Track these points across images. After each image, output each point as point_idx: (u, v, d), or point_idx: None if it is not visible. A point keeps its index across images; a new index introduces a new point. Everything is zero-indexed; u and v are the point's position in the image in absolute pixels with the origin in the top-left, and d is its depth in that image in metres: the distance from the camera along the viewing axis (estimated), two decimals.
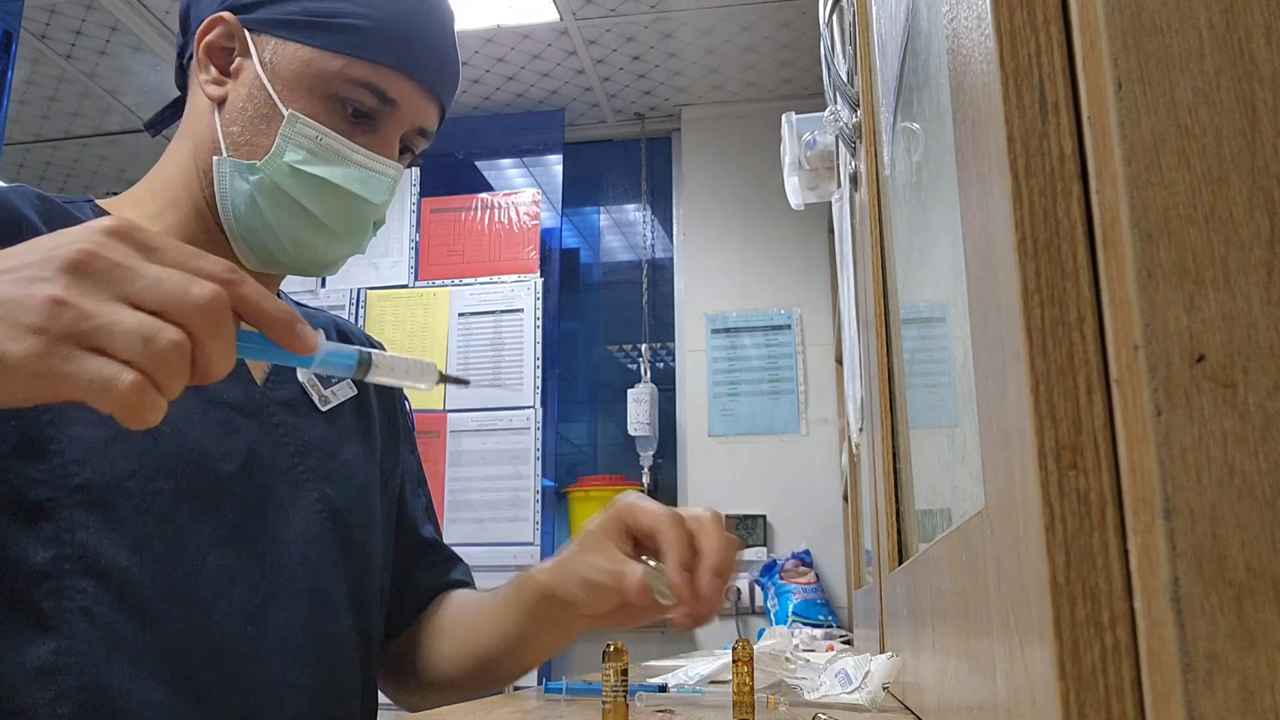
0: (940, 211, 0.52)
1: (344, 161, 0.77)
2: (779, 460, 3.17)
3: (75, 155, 3.73)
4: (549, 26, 3.04)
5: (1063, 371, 0.26)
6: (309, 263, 0.81)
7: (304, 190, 0.76)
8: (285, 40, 0.76)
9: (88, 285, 0.41)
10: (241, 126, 0.76)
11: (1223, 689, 0.22)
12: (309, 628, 0.75)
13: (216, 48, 0.78)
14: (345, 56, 0.75)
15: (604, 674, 0.55)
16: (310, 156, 0.76)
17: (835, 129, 1.33)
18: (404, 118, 0.79)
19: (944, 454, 0.58)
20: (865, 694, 0.65)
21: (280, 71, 0.76)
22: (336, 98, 0.76)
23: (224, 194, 0.77)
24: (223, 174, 0.76)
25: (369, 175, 0.78)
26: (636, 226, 3.74)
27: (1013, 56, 0.28)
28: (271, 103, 0.75)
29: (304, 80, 0.75)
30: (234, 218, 0.77)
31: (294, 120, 0.75)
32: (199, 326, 0.42)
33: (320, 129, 0.76)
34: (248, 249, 0.79)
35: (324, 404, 0.83)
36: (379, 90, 0.76)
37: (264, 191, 0.76)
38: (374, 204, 0.79)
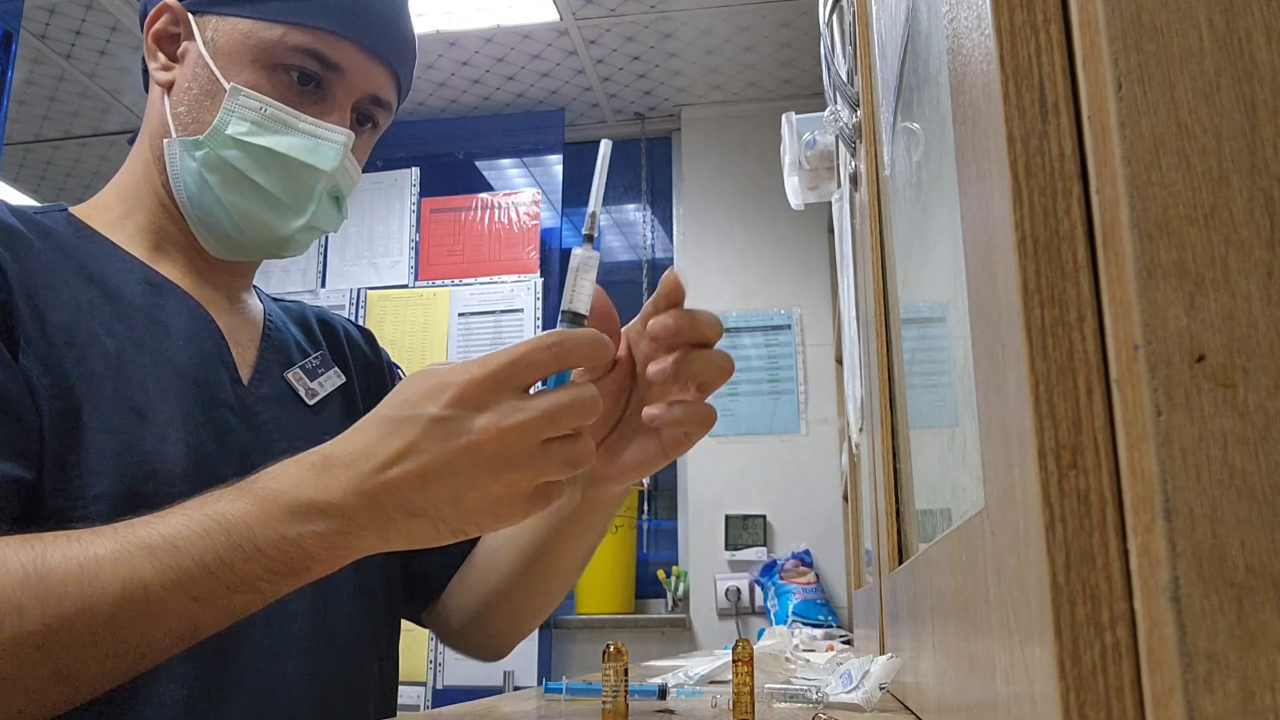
0: (940, 211, 0.52)
1: (290, 130, 0.76)
2: (779, 460, 3.17)
3: (75, 155, 3.73)
4: (549, 26, 3.04)
5: (1063, 371, 0.26)
6: (265, 240, 0.80)
7: (249, 162, 0.76)
8: (225, 16, 0.76)
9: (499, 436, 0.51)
10: (187, 106, 0.77)
11: (1223, 689, 0.22)
12: (317, 624, 0.75)
13: (164, 35, 0.79)
14: (284, 24, 0.75)
15: (604, 674, 0.55)
16: (255, 128, 0.75)
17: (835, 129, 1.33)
18: (353, 84, 0.79)
19: (944, 454, 0.58)
20: (862, 694, 0.65)
21: (221, 47, 0.76)
22: (280, 66, 0.76)
23: (175, 175, 0.77)
24: (173, 155, 0.77)
25: (317, 143, 0.77)
26: (636, 226, 3.74)
27: (1013, 56, 0.28)
28: (214, 78, 0.76)
29: (245, 52, 0.76)
30: (187, 199, 0.77)
31: (235, 93, 0.75)
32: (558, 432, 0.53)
33: (264, 100, 0.75)
34: (206, 232, 0.79)
35: (310, 397, 0.83)
36: (321, 55, 0.76)
37: (210, 167, 0.76)
38: (323, 171, 0.78)
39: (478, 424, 0.51)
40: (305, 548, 0.53)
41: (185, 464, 0.69)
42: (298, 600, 0.73)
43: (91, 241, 0.76)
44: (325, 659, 0.75)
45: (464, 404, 0.51)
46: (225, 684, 0.68)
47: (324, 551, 0.54)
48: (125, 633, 0.52)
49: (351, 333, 0.97)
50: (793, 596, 2.86)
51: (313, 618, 0.74)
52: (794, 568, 2.97)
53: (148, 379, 0.69)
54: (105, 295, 0.72)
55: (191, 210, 0.78)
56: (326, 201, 0.81)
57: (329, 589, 0.76)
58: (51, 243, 0.72)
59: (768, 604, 2.96)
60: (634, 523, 3.24)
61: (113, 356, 0.69)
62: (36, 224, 0.73)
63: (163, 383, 0.70)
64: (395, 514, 0.53)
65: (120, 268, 0.75)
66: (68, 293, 0.69)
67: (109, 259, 0.75)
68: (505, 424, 0.51)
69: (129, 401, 0.67)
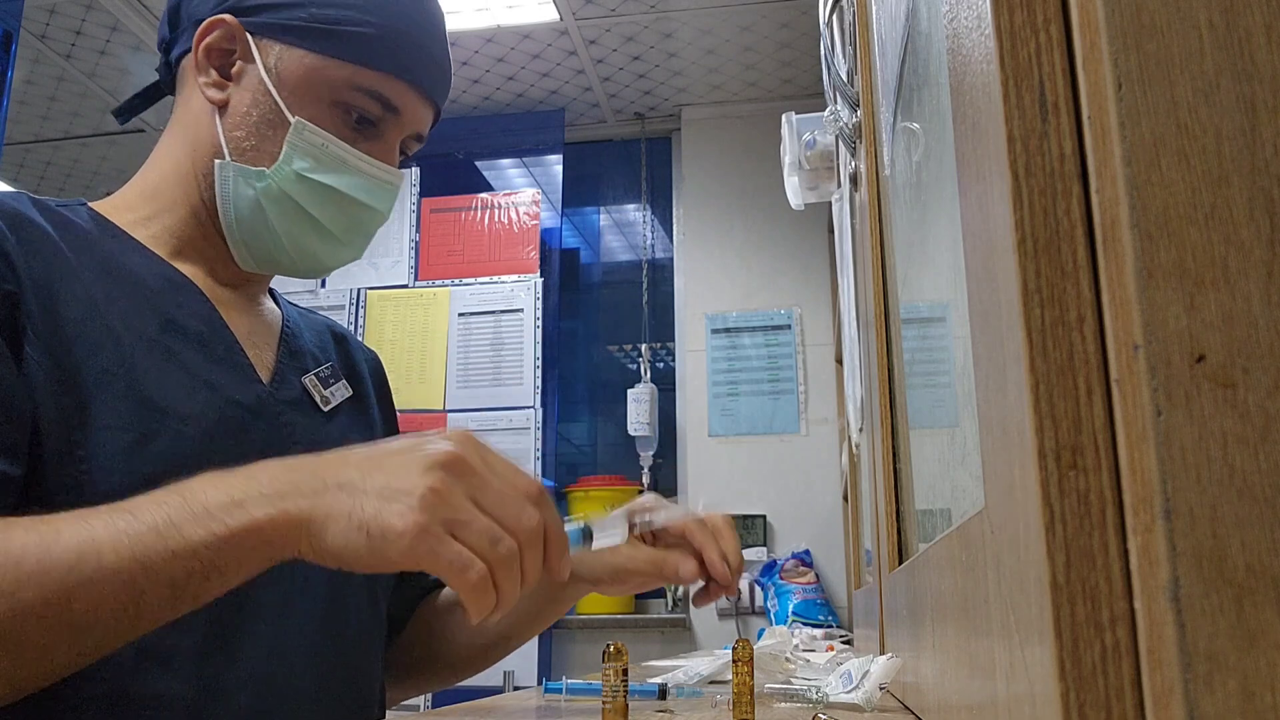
0: (940, 211, 0.52)
1: (349, 169, 0.77)
2: (779, 460, 3.17)
3: (75, 155, 3.73)
4: (549, 26, 3.04)
5: (1063, 371, 0.26)
6: (309, 267, 0.81)
7: (311, 197, 0.77)
8: (290, 46, 0.76)
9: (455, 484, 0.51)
10: (246, 132, 0.76)
11: (1223, 689, 0.22)
12: (327, 625, 0.75)
13: (216, 50, 0.77)
14: (352, 65, 0.76)
15: (604, 674, 0.55)
16: (316, 164, 0.76)
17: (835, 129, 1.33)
18: (405, 125, 0.80)
19: (944, 454, 0.58)
20: (862, 694, 0.65)
21: (286, 78, 0.76)
22: (341, 104, 0.76)
23: (226, 198, 0.77)
24: (225, 178, 0.76)
25: (375, 183, 0.79)
26: (636, 226, 3.74)
27: (1013, 56, 0.28)
28: (277, 109, 0.75)
29: (310, 87, 0.76)
30: (234, 220, 0.77)
31: (301, 128, 0.75)
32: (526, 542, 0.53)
33: (326, 137, 0.76)
34: (247, 251, 0.79)
35: (325, 404, 0.83)
36: (384, 98, 0.77)
37: (270, 198, 0.76)
38: (379, 211, 0.80)
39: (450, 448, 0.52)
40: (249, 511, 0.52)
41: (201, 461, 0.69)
42: (311, 600, 0.74)
43: (113, 236, 0.76)
44: (334, 659, 0.75)
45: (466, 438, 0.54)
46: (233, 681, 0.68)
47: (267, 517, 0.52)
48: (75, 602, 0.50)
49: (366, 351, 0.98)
50: (793, 596, 2.86)
51: (324, 622, 0.74)
52: (794, 568, 2.97)
53: (163, 377, 0.69)
54: (124, 290, 0.72)
55: (238, 231, 0.78)
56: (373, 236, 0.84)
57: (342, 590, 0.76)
58: (72, 235, 0.72)
59: (768, 604, 2.96)
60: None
61: (128, 353, 0.68)
62: (57, 215, 0.73)
63: (178, 382, 0.70)
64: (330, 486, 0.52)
65: (142, 263, 0.75)
66: (83, 287, 0.69)
67: (131, 254, 0.75)
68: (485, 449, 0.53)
69: (142, 399, 0.67)
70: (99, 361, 0.67)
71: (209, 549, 0.51)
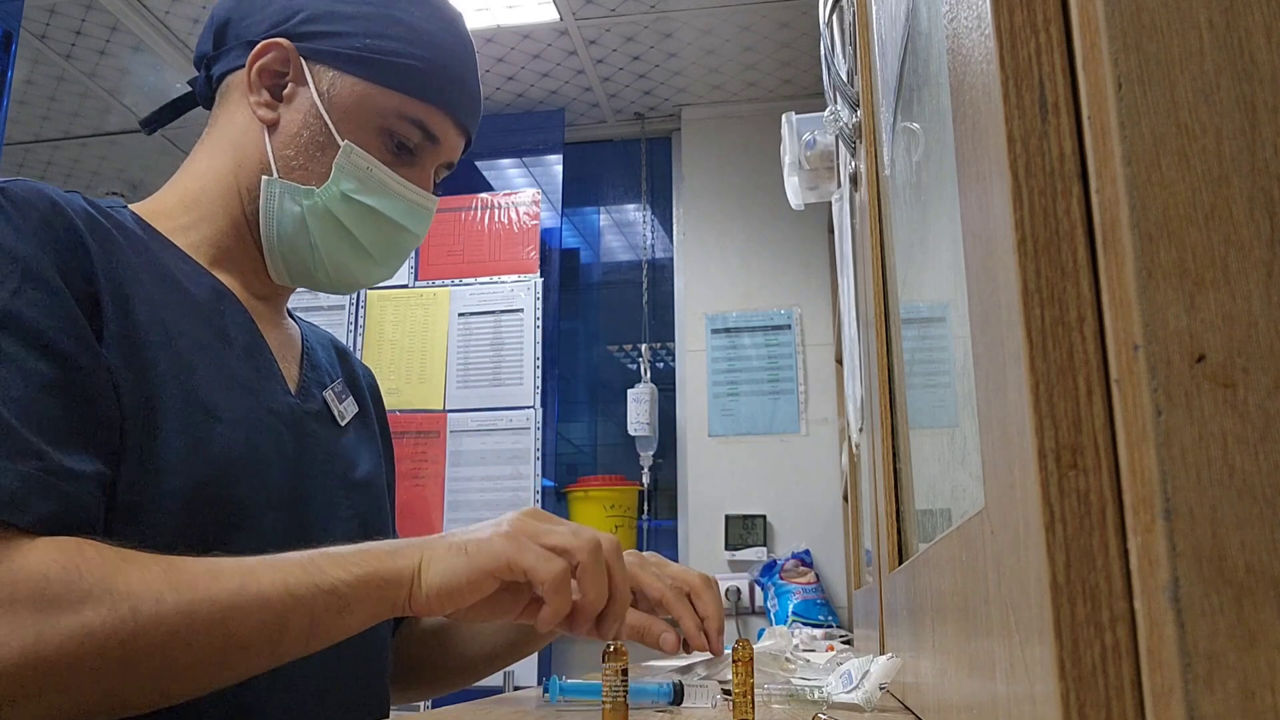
0: (940, 211, 0.52)
1: (389, 193, 0.81)
2: (779, 460, 3.17)
3: (75, 155, 3.73)
4: (549, 26, 3.04)
5: (1063, 371, 0.26)
6: (343, 283, 0.85)
7: (353, 217, 0.80)
8: (343, 73, 0.79)
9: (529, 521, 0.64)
10: (295, 151, 0.79)
11: (1223, 689, 0.22)
12: None
13: (269, 71, 0.80)
14: (401, 94, 0.80)
15: (604, 674, 0.55)
16: (360, 186, 0.80)
17: (835, 129, 1.33)
18: (441, 154, 0.84)
19: (944, 454, 0.58)
20: (862, 694, 0.65)
21: (337, 102, 0.79)
22: (386, 131, 0.80)
23: (270, 213, 0.79)
24: (271, 194, 0.79)
25: (412, 207, 0.83)
26: (636, 226, 3.74)
27: (1013, 56, 0.28)
28: (328, 131, 0.79)
29: (360, 113, 0.79)
30: (277, 236, 0.80)
31: (349, 151, 0.79)
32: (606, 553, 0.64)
33: (371, 160, 0.80)
34: (284, 265, 0.82)
35: (341, 419, 0.86)
36: (426, 128, 0.81)
37: (315, 215, 0.79)
38: (415, 234, 0.84)
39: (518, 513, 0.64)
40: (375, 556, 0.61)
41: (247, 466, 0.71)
42: None
43: (158, 242, 0.77)
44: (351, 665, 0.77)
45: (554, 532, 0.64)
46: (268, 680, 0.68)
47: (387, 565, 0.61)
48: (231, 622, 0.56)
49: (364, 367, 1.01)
50: (793, 596, 2.86)
51: None
52: (794, 568, 2.97)
53: (214, 383, 0.71)
54: (177, 295, 0.73)
55: (279, 246, 0.80)
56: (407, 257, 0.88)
57: None
58: (126, 236, 0.73)
59: (768, 604, 2.96)
60: (634, 523, 3.25)
61: (184, 357, 0.70)
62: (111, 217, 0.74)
63: (226, 388, 0.72)
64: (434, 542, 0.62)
65: (188, 271, 0.77)
66: (144, 289, 0.70)
67: (177, 261, 0.77)
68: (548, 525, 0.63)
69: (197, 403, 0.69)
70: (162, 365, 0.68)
71: (346, 585, 0.59)
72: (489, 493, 2.98)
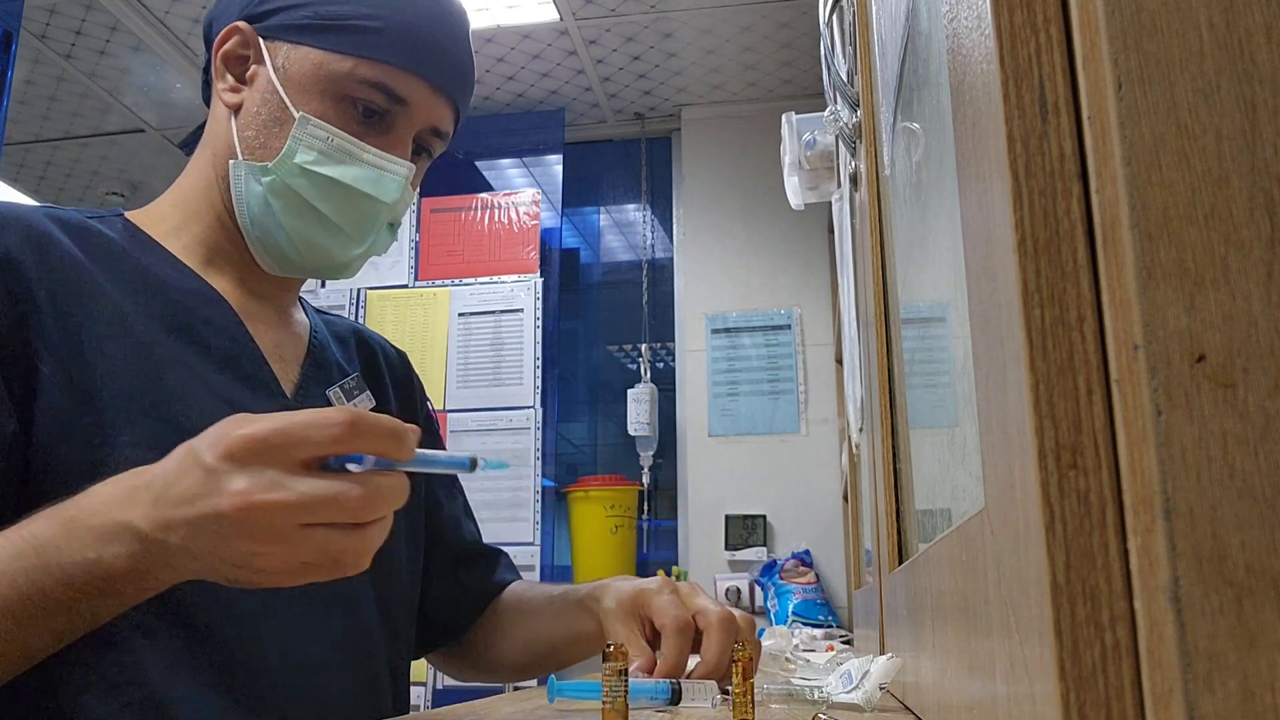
0: (940, 211, 0.52)
1: (355, 161, 0.78)
2: (779, 460, 3.17)
3: (75, 155, 3.73)
4: (549, 26, 3.04)
5: (1063, 371, 0.26)
6: (323, 264, 0.82)
7: (315, 191, 0.77)
8: (297, 45, 0.78)
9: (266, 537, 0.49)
10: (255, 130, 0.78)
11: (1223, 689, 0.22)
12: (344, 636, 0.76)
13: (233, 56, 0.80)
14: (355, 57, 0.77)
15: (604, 674, 0.55)
16: (321, 157, 0.77)
17: (835, 129, 1.33)
18: (415, 117, 0.80)
19: (944, 454, 0.58)
20: (861, 694, 0.65)
21: (292, 75, 0.78)
22: (348, 98, 0.78)
23: (239, 196, 0.78)
24: (238, 177, 0.78)
25: (380, 174, 0.79)
26: (636, 226, 3.74)
27: (1013, 56, 0.28)
28: (283, 105, 0.77)
29: (315, 82, 0.77)
30: (249, 220, 0.79)
31: (304, 122, 0.77)
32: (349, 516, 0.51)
33: (331, 130, 0.77)
34: (264, 251, 0.80)
35: None
36: (389, 90, 0.78)
37: (276, 193, 0.77)
38: (385, 203, 0.80)
39: (231, 487, 0.48)
40: (107, 568, 0.52)
41: None
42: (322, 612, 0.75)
43: (146, 249, 0.77)
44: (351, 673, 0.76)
45: (230, 460, 0.48)
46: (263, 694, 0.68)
47: (126, 574, 0.52)
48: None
49: (389, 353, 0.99)
50: (793, 596, 2.86)
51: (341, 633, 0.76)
52: (794, 568, 2.97)
53: (188, 395, 0.70)
54: (154, 305, 0.73)
55: (253, 231, 0.79)
56: (384, 229, 0.83)
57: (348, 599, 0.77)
58: (100, 248, 0.73)
59: (768, 604, 2.96)
60: (634, 523, 3.24)
61: (155, 370, 0.69)
62: (84, 229, 0.74)
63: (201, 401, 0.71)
64: (178, 550, 0.51)
65: (174, 277, 0.77)
66: (111, 303, 0.70)
67: (162, 267, 0.77)
68: (254, 497, 0.48)
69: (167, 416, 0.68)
70: (125, 379, 0.68)
71: (83, 605, 0.53)
72: (489, 493, 2.98)
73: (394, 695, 0.84)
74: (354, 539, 0.50)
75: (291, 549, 0.49)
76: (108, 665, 0.63)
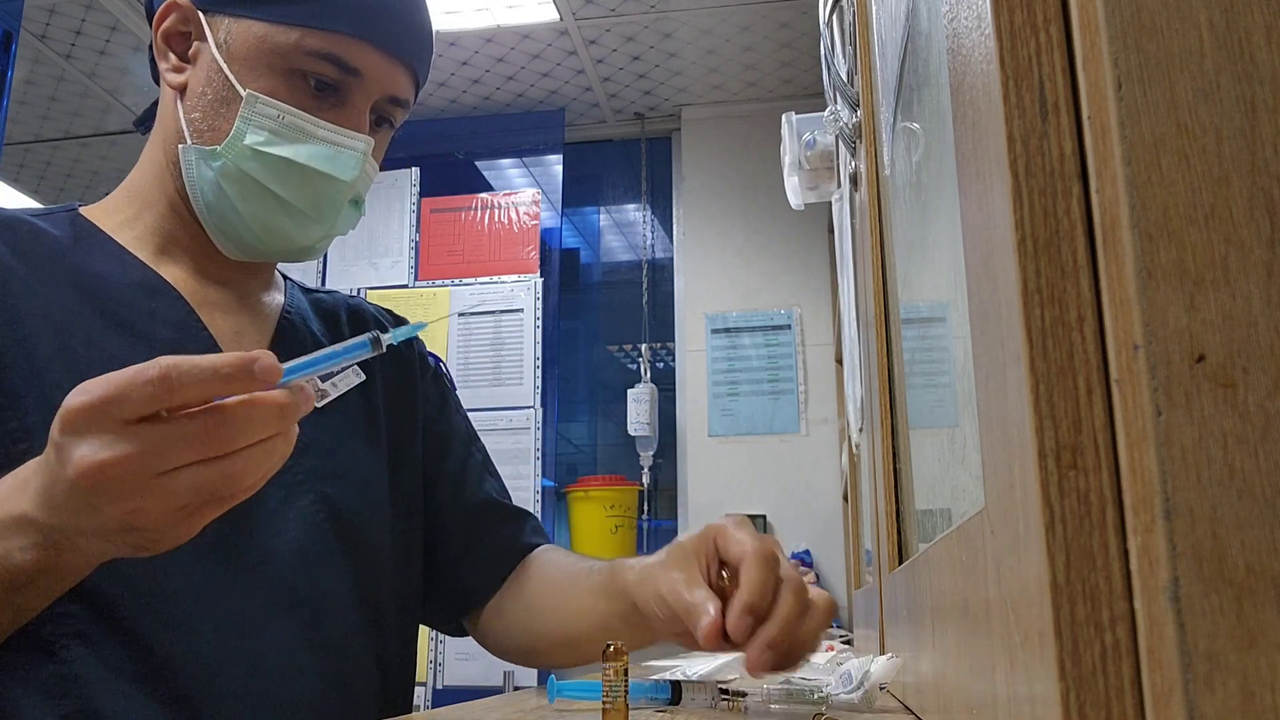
0: (940, 211, 0.52)
1: (309, 139, 0.74)
2: (779, 460, 3.17)
3: (75, 155, 3.73)
4: (549, 26, 3.04)
5: (1063, 371, 0.26)
6: (284, 248, 0.79)
7: (268, 173, 0.74)
8: (238, 18, 0.74)
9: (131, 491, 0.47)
10: (202, 112, 0.74)
11: (1223, 689, 0.22)
12: (307, 637, 0.73)
13: (174, 34, 0.76)
14: (300, 28, 0.73)
15: (604, 674, 0.55)
16: (273, 137, 0.73)
17: (835, 129, 1.33)
18: (371, 88, 0.76)
19: (944, 454, 0.58)
20: (862, 694, 0.65)
21: (236, 51, 0.73)
22: (297, 72, 0.73)
23: (192, 183, 0.75)
24: (189, 162, 0.75)
25: (336, 151, 0.75)
26: (636, 226, 3.74)
27: (1013, 56, 0.28)
28: (229, 84, 0.73)
29: (261, 57, 0.73)
30: (204, 207, 0.75)
31: (253, 100, 0.73)
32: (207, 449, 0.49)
33: (281, 107, 0.73)
34: (223, 238, 0.77)
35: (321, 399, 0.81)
36: (339, 60, 0.74)
37: (228, 177, 0.74)
38: (344, 181, 0.76)
39: (76, 455, 0.47)
40: (15, 562, 0.52)
41: None
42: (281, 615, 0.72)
43: (92, 244, 0.75)
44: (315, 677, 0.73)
45: (67, 431, 0.48)
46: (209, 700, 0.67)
47: (34, 565, 0.52)
48: None
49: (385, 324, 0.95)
50: None
51: (303, 634, 0.73)
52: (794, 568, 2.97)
53: None
54: (91, 303, 0.71)
55: (209, 217, 0.76)
56: (347, 207, 0.79)
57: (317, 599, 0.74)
58: (40, 248, 0.71)
59: None
60: (634, 523, 3.24)
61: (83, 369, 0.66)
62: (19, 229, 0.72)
63: None
64: (70, 530, 0.50)
65: (117, 271, 0.74)
66: (40, 303, 0.68)
67: (107, 262, 0.74)
68: (99, 458, 0.46)
69: None
70: (48, 379, 0.66)
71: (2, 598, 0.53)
72: None
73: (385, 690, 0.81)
74: (220, 468, 0.48)
75: (159, 499, 0.48)
76: (46, 675, 0.62)
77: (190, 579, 0.68)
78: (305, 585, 0.74)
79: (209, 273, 0.79)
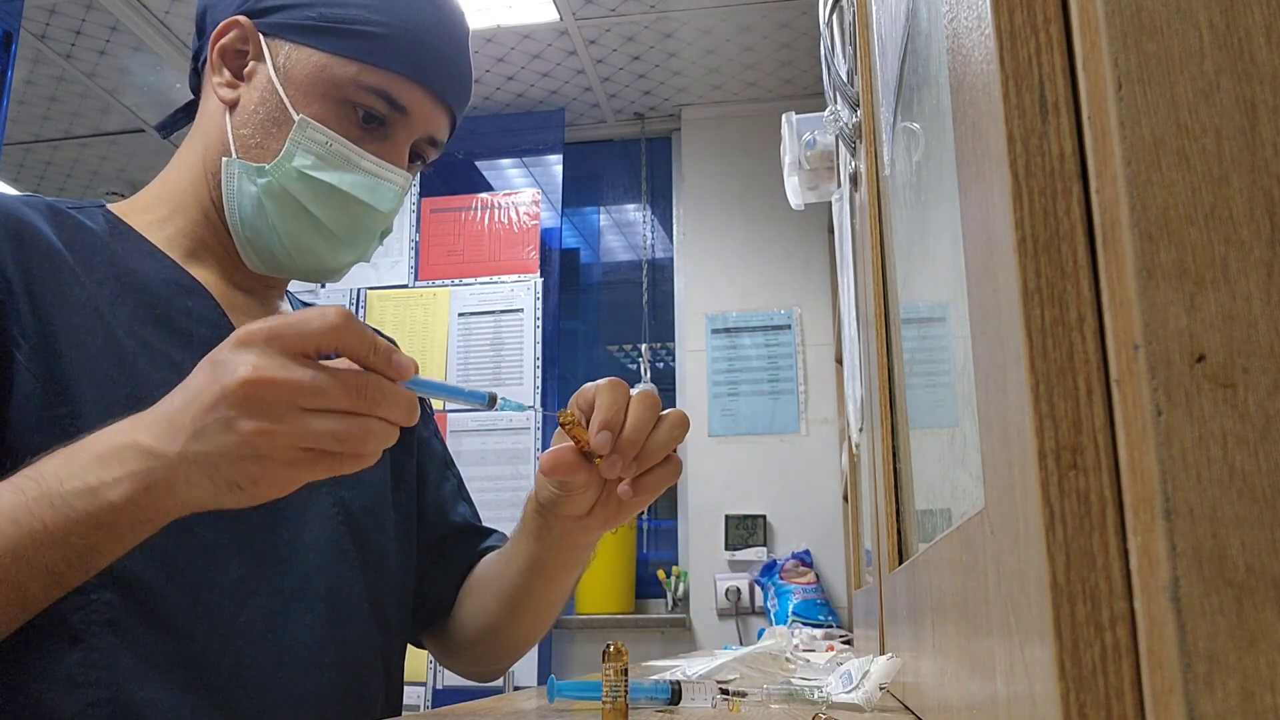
0: (940, 211, 0.52)
1: (352, 168, 0.77)
2: (779, 460, 3.17)
3: (75, 155, 3.73)
4: (549, 26, 3.04)
5: (1063, 371, 0.26)
6: (312, 269, 0.81)
7: (310, 195, 0.76)
8: (299, 45, 0.76)
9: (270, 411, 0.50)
10: (252, 129, 0.77)
11: (1223, 689, 0.22)
12: (328, 633, 0.75)
13: (230, 51, 0.78)
14: (359, 63, 0.76)
15: (604, 674, 0.55)
16: (319, 162, 0.76)
17: (835, 129, 1.33)
18: (415, 126, 0.80)
19: (944, 454, 0.58)
20: (862, 694, 0.65)
21: (293, 76, 0.76)
22: (348, 103, 0.76)
23: (230, 195, 0.77)
24: (230, 175, 0.77)
25: (377, 183, 0.78)
26: (636, 226, 3.74)
27: (1013, 56, 0.28)
28: (283, 107, 0.76)
29: (317, 85, 0.76)
30: (239, 219, 0.78)
31: (304, 125, 0.76)
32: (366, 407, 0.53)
33: (330, 135, 0.76)
34: (251, 251, 0.79)
35: None
36: (391, 97, 0.77)
37: (271, 195, 0.76)
38: (381, 212, 0.79)
39: (243, 364, 0.50)
40: (103, 500, 0.52)
41: None
42: (305, 610, 0.74)
43: (126, 240, 0.76)
44: (335, 672, 0.75)
45: (243, 346, 0.51)
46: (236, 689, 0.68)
47: (123, 501, 0.52)
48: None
49: None
50: (793, 596, 2.86)
51: (325, 630, 0.74)
52: (794, 568, 2.97)
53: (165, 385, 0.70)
54: (130, 295, 0.72)
55: (242, 230, 0.78)
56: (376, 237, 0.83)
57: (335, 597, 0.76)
58: (80, 239, 0.73)
59: (768, 604, 2.96)
60: (634, 523, 3.24)
61: (129, 359, 0.69)
62: (66, 219, 0.73)
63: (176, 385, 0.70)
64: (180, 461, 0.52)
65: (153, 267, 0.76)
66: (86, 293, 0.69)
67: (141, 258, 0.76)
68: (266, 372, 0.50)
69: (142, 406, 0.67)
70: (99, 368, 0.67)
71: (78, 536, 0.53)
72: (489, 493, 2.98)
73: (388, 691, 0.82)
74: (355, 424, 0.51)
75: (293, 431, 0.50)
76: (71, 663, 0.62)
77: (227, 570, 0.70)
78: (325, 583, 0.76)
79: (233, 280, 0.82)
